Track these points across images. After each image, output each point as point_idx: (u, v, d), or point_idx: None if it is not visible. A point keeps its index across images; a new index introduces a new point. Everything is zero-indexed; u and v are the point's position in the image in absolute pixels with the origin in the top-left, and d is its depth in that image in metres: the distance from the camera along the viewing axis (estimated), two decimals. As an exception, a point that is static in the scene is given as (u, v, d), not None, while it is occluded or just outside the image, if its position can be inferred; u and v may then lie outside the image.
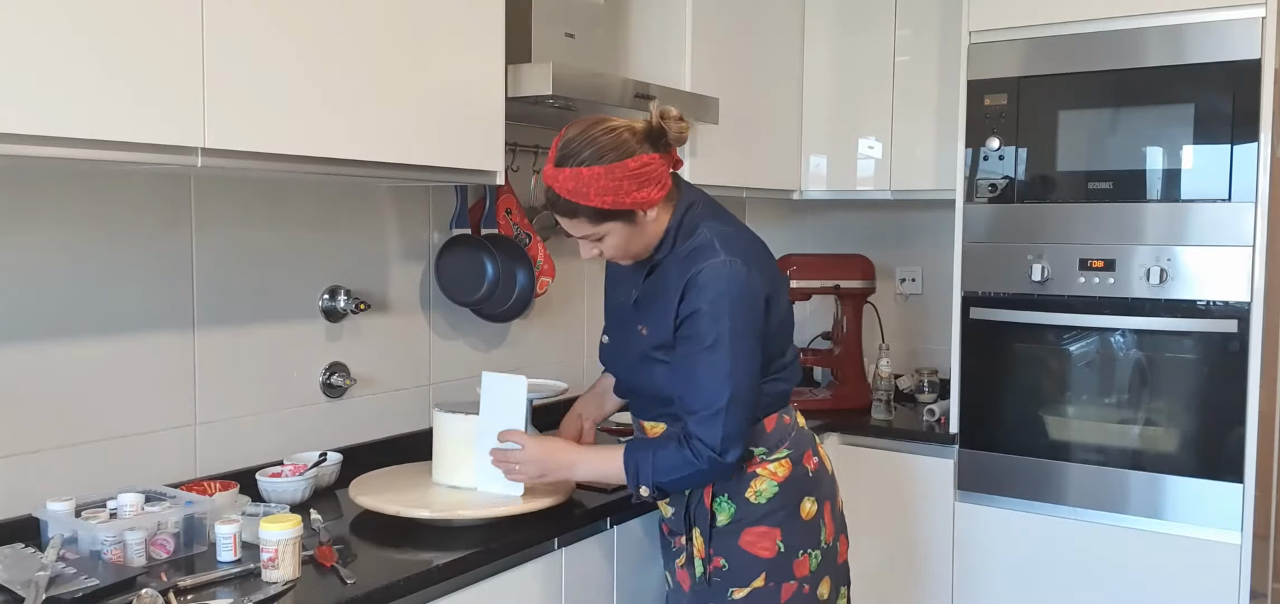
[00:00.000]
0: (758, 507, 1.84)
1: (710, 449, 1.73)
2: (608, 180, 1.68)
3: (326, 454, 2.19)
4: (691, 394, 1.75)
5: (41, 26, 1.40)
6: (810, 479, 1.89)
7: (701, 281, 1.72)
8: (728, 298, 1.71)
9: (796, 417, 1.94)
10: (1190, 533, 2.59)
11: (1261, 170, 2.47)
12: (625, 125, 1.72)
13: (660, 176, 1.73)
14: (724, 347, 1.71)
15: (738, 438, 1.75)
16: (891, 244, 3.58)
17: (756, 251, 1.83)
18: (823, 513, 1.90)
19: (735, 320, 1.72)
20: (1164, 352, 2.63)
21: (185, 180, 2.00)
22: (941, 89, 3.09)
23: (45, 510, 1.70)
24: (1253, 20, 2.47)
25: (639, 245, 1.80)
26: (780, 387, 1.88)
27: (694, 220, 1.79)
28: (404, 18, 1.93)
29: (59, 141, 1.43)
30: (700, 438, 1.73)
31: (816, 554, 1.88)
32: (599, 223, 1.74)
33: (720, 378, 1.72)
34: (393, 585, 1.63)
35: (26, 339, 1.79)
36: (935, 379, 3.33)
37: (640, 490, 1.80)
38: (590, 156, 1.68)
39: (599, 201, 1.69)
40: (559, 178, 1.71)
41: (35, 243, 1.79)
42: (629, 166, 1.68)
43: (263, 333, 2.16)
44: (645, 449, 1.80)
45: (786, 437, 1.88)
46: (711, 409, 1.72)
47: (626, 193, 1.69)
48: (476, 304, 2.57)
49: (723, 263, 1.73)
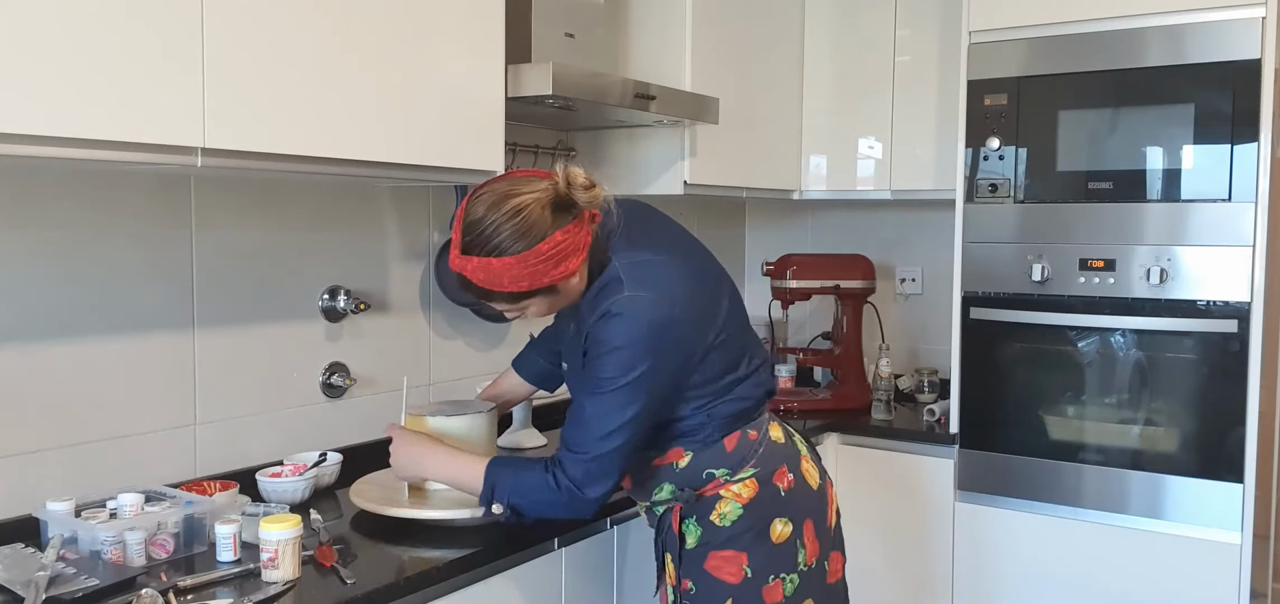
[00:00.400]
0: (722, 529, 1.74)
1: (572, 483, 1.65)
2: (521, 268, 1.56)
3: (326, 454, 2.19)
4: (574, 426, 1.66)
5: (41, 26, 1.40)
6: (782, 499, 1.76)
7: (605, 319, 1.62)
8: (627, 336, 1.60)
9: (769, 431, 1.81)
10: (1190, 533, 2.59)
11: (1261, 170, 2.47)
12: (534, 200, 1.56)
13: (578, 245, 1.59)
14: (618, 387, 1.61)
15: (605, 478, 1.65)
16: (891, 244, 3.58)
17: (672, 278, 1.66)
18: (801, 534, 1.77)
19: (634, 361, 1.60)
20: (1164, 351, 2.63)
21: (185, 180, 2.00)
22: (941, 89, 3.09)
23: (45, 510, 1.70)
24: (1253, 20, 2.47)
25: (564, 303, 1.71)
26: (739, 405, 1.75)
27: (607, 255, 1.67)
28: (404, 18, 1.93)
29: (59, 141, 1.43)
30: (565, 470, 1.65)
31: (793, 579, 1.76)
32: (518, 302, 1.64)
33: (606, 417, 1.62)
34: (393, 585, 1.62)
35: (26, 339, 1.79)
36: (935, 379, 3.33)
37: (493, 507, 1.72)
38: (499, 245, 1.55)
39: (514, 288, 1.58)
40: (468, 267, 1.58)
41: (35, 243, 1.79)
42: (542, 251, 1.55)
43: (263, 333, 2.16)
44: (510, 466, 1.73)
45: (751, 455, 1.76)
46: (585, 448, 1.64)
47: (543, 274, 1.57)
48: (476, 304, 2.56)
49: (627, 300, 1.61)
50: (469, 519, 1.90)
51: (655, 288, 1.63)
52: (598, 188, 1.60)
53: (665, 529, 1.82)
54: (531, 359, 2.18)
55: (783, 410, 3.07)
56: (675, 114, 2.53)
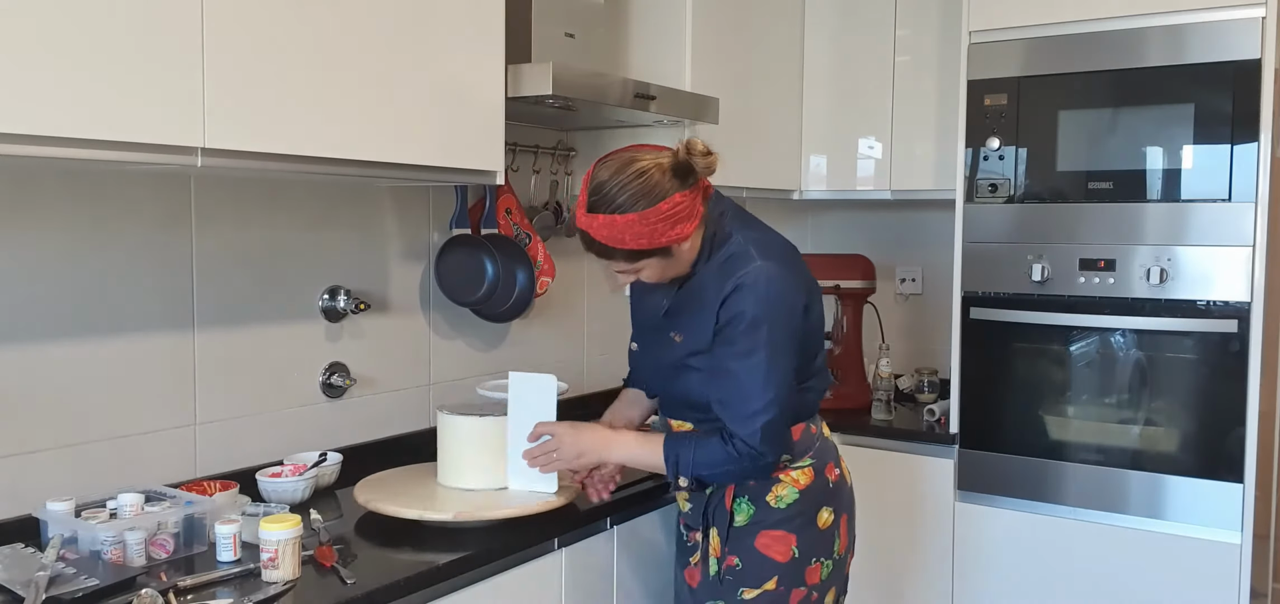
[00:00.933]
0: (776, 511, 1.86)
1: (751, 448, 1.75)
2: (642, 226, 1.70)
3: (326, 454, 2.19)
4: (731, 397, 1.76)
5: (42, 26, 1.40)
6: (830, 490, 1.91)
7: (741, 288, 1.74)
8: (766, 303, 1.74)
9: (823, 427, 1.97)
10: (1190, 533, 2.59)
11: (1261, 170, 2.47)
12: (654, 164, 1.73)
13: (693, 211, 1.75)
14: (763, 351, 1.73)
15: (777, 439, 1.78)
16: (891, 244, 3.58)
17: (790, 255, 1.85)
18: (839, 524, 1.92)
19: (773, 325, 1.74)
20: (1164, 352, 2.63)
21: (185, 180, 2.00)
22: (941, 89, 3.09)
23: (45, 510, 1.70)
24: (1253, 20, 2.47)
25: (676, 270, 1.83)
26: (811, 396, 1.91)
27: (726, 230, 1.82)
28: (404, 18, 1.93)
29: (59, 141, 1.43)
30: (742, 438, 1.75)
31: (828, 564, 1.90)
32: (636, 261, 1.77)
33: (759, 382, 1.74)
34: (393, 585, 1.62)
35: (26, 339, 1.79)
36: (935, 379, 3.33)
37: (679, 480, 1.82)
38: (623, 204, 1.70)
39: (634, 245, 1.72)
40: (593, 224, 1.73)
41: (35, 243, 1.79)
42: (662, 210, 1.70)
43: (263, 333, 2.16)
44: (686, 441, 1.82)
45: (811, 446, 1.90)
46: (752, 411, 1.74)
47: (661, 233, 1.72)
48: (476, 304, 2.57)
49: (760, 268, 1.75)
50: (473, 521, 1.89)
51: (780, 260, 1.79)
52: (714, 155, 1.74)
53: (716, 504, 1.89)
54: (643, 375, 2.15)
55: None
56: (675, 114, 2.53)
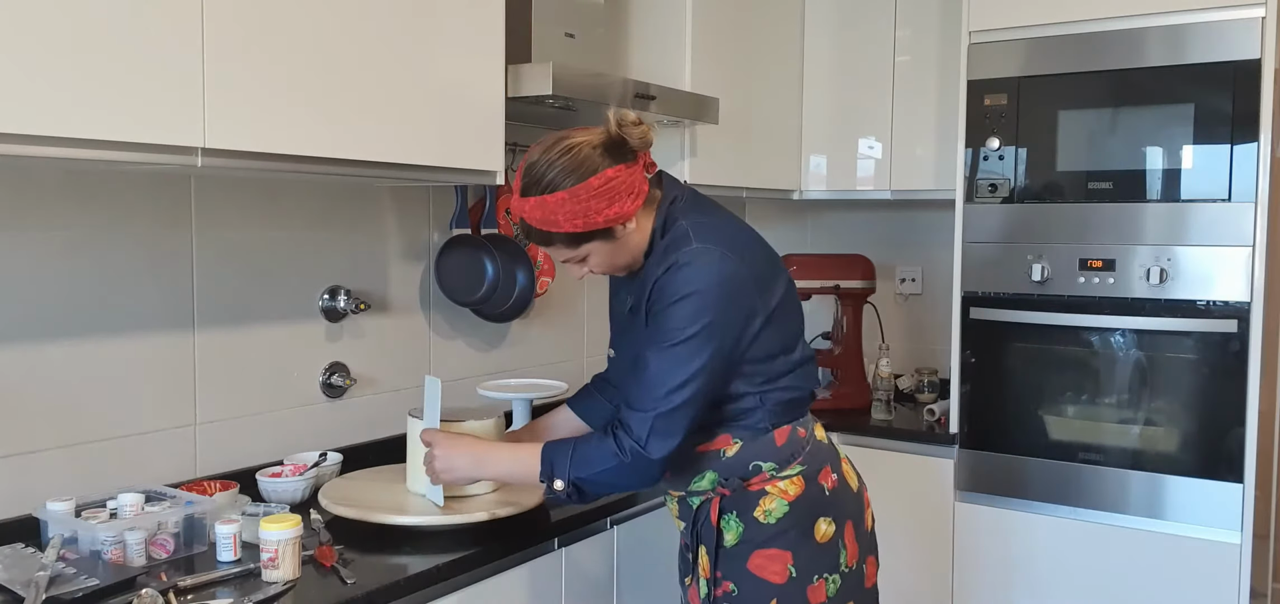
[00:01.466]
0: (766, 527, 1.70)
1: (634, 441, 1.60)
2: (573, 204, 1.59)
3: (326, 454, 2.19)
4: (637, 382, 1.62)
5: (42, 26, 1.40)
6: (826, 499, 1.74)
7: (669, 270, 1.61)
8: (694, 287, 1.59)
9: (815, 429, 1.79)
10: (1190, 533, 2.59)
11: (1261, 170, 2.47)
12: (585, 140, 1.62)
13: (630, 187, 1.61)
14: (682, 340, 1.58)
15: (671, 436, 1.60)
16: (891, 244, 3.58)
17: (740, 241, 1.69)
18: (843, 535, 1.75)
19: (700, 313, 1.59)
20: (1164, 351, 2.63)
21: (185, 180, 2.00)
22: (941, 89, 3.09)
23: (45, 510, 1.70)
24: (1253, 20, 2.47)
25: (625, 258, 1.70)
26: (790, 394, 1.73)
27: (675, 215, 1.68)
28: (404, 18, 1.93)
29: (59, 141, 1.44)
30: (629, 428, 1.61)
31: (835, 579, 1.73)
32: (577, 245, 1.66)
33: (670, 371, 1.59)
34: (393, 585, 1.63)
35: (26, 339, 1.79)
36: (935, 379, 3.33)
37: (555, 485, 1.65)
38: (552, 181, 1.60)
39: (570, 226, 1.60)
40: (526, 208, 1.63)
41: (35, 243, 1.79)
42: (593, 185, 1.59)
43: (263, 333, 2.16)
44: (567, 443, 1.68)
45: (799, 451, 1.73)
46: (652, 402, 1.59)
47: (597, 212, 1.60)
48: (476, 304, 2.57)
49: (695, 251, 1.61)
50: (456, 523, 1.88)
51: (722, 243, 1.64)
52: (646, 126, 1.64)
53: (702, 521, 1.75)
54: (595, 401, 2.03)
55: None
56: (675, 114, 2.53)
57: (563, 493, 1.66)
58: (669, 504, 1.86)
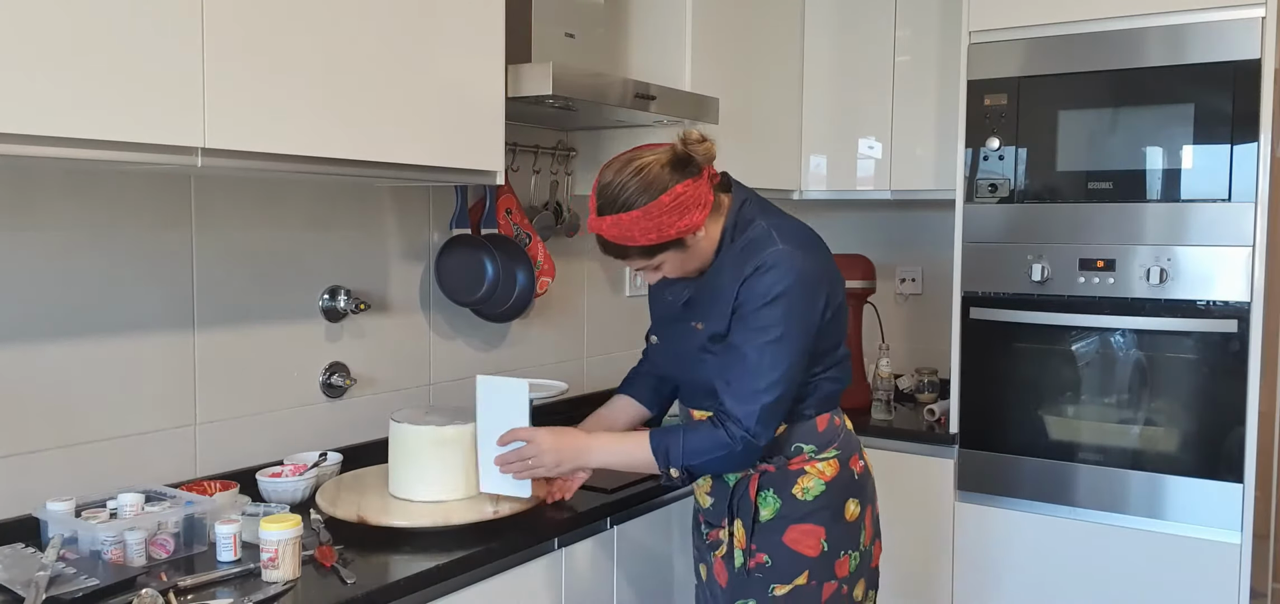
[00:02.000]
0: (803, 504, 1.84)
1: (744, 430, 1.74)
2: (647, 221, 1.71)
3: (326, 454, 2.19)
4: (739, 376, 1.75)
5: (42, 26, 1.40)
6: (856, 482, 1.90)
7: (759, 270, 1.74)
8: (784, 286, 1.73)
9: (846, 420, 1.96)
10: (1190, 533, 2.59)
11: (1261, 170, 2.47)
12: (655, 160, 1.74)
13: (700, 199, 1.75)
14: (778, 335, 1.73)
15: (772, 424, 1.76)
16: (891, 244, 3.58)
17: (813, 242, 1.84)
18: (864, 516, 1.92)
19: (790, 309, 1.74)
20: (1164, 352, 2.63)
21: (185, 180, 2.00)
22: (941, 89, 3.09)
23: (45, 510, 1.70)
24: (1253, 20, 2.47)
25: (696, 262, 1.83)
26: (833, 386, 1.89)
27: (748, 216, 1.82)
28: (404, 18, 1.93)
29: (59, 141, 1.44)
30: (737, 418, 1.75)
31: (856, 556, 1.90)
32: (651, 256, 1.78)
33: (770, 365, 1.73)
34: (393, 585, 1.63)
35: (26, 339, 1.79)
36: (935, 379, 3.33)
37: (670, 472, 1.80)
38: (627, 201, 1.72)
39: (645, 240, 1.73)
40: (603, 226, 1.75)
41: (35, 243, 1.79)
42: (664, 203, 1.71)
43: (263, 333, 2.16)
44: (674, 432, 1.81)
45: (836, 437, 1.90)
46: (755, 392, 1.73)
47: (670, 226, 1.73)
48: (476, 304, 2.57)
49: (781, 252, 1.75)
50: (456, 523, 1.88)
51: (801, 244, 1.79)
52: (710, 142, 1.77)
53: (739, 496, 1.88)
54: (644, 381, 2.16)
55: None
56: (675, 114, 2.53)
57: (678, 476, 1.81)
58: (700, 481, 1.96)
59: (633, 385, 2.17)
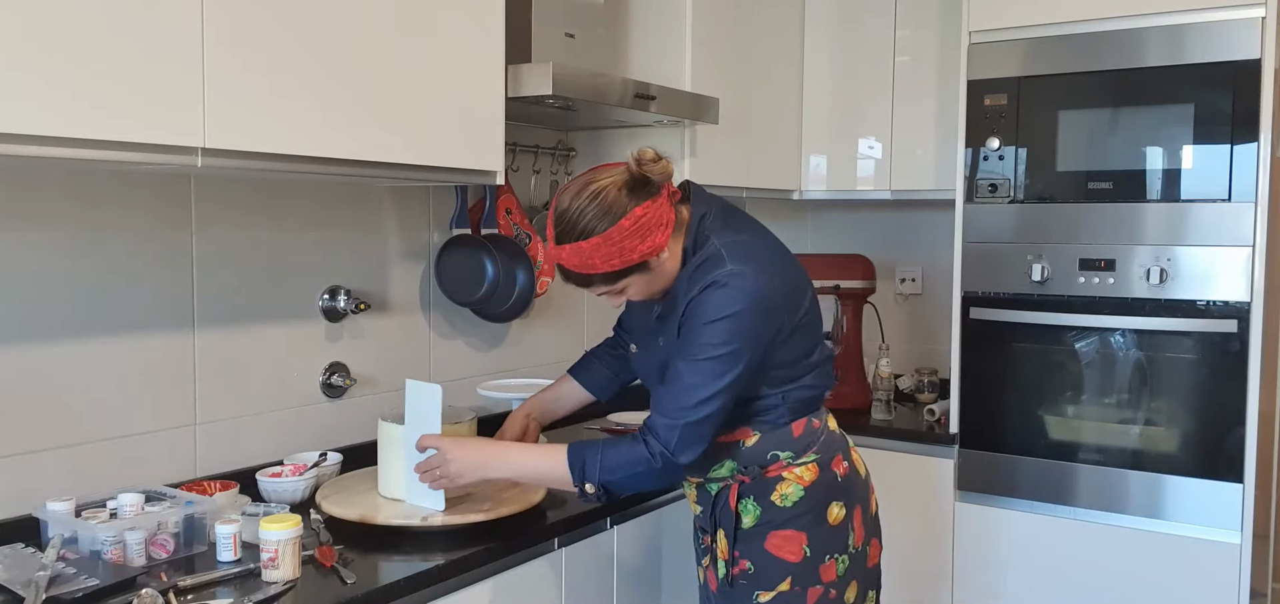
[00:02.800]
0: (783, 510, 1.80)
1: (664, 448, 1.68)
2: (608, 247, 1.66)
3: (326, 454, 2.19)
4: (669, 392, 1.70)
5: (42, 26, 1.40)
6: (839, 484, 1.84)
7: (705, 290, 1.69)
8: (728, 308, 1.67)
9: (828, 420, 1.90)
10: (1190, 533, 2.59)
11: (1261, 170, 2.47)
12: (611, 182, 1.69)
13: (661, 220, 1.69)
14: (714, 355, 1.67)
15: (698, 443, 1.70)
16: (891, 244, 3.58)
17: (769, 257, 1.79)
18: (852, 518, 1.86)
19: (733, 331, 1.67)
20: (1164, 352, 2.63)
21: (185, 180, 2.00)
22: (941, 89, 3.09)
23: (45, 510, 1.70)
24: (1253, 20, 2.47)
25: (661, 284, 1.78)
26: (809, 392, 1.83)
27: (704, 234, 1.77)
28: (404, 18, 1.93)
29: (59, 141, 1.43)
30: (657, 435, 1.69)
31: (844, 558, 1.84)
32: (615, 282, 1.73)
33: (700, 384, 1.67)
34: (393, 585, 1.63)
35: (26, 339, 1.79)
36: (935, 379, 3.33)
37: (586, 487, 1.72)
38: (585, 228, 1.67)
39: (607, 267, 1.69)
40: (562, 255, 1.71)
41: (35, 243, 1.79)
42: (625, 227, 1.66)
43: (263, 333, 2.16)
44: (593, 446, 1.75)
45: (815, 441, 1.83)
46: (682, 408, 1.68)
47: (632, 250, 1.68)
48: (476, 304, 2.57)
49: (729, 273, 1.69)
50: (456, 523, 1.89)
51: (754, 263, 1.72)
52: (665, 160, 1.71)
53: (721, 506, 1.84)
54: (596, 368, 2.16)
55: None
56: (675, 114, 2.53)
57: (593, 494, 1.73)
58: (686, 489, 1.94)
59: (586, 371, 2.14)
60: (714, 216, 1.79)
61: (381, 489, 2.00)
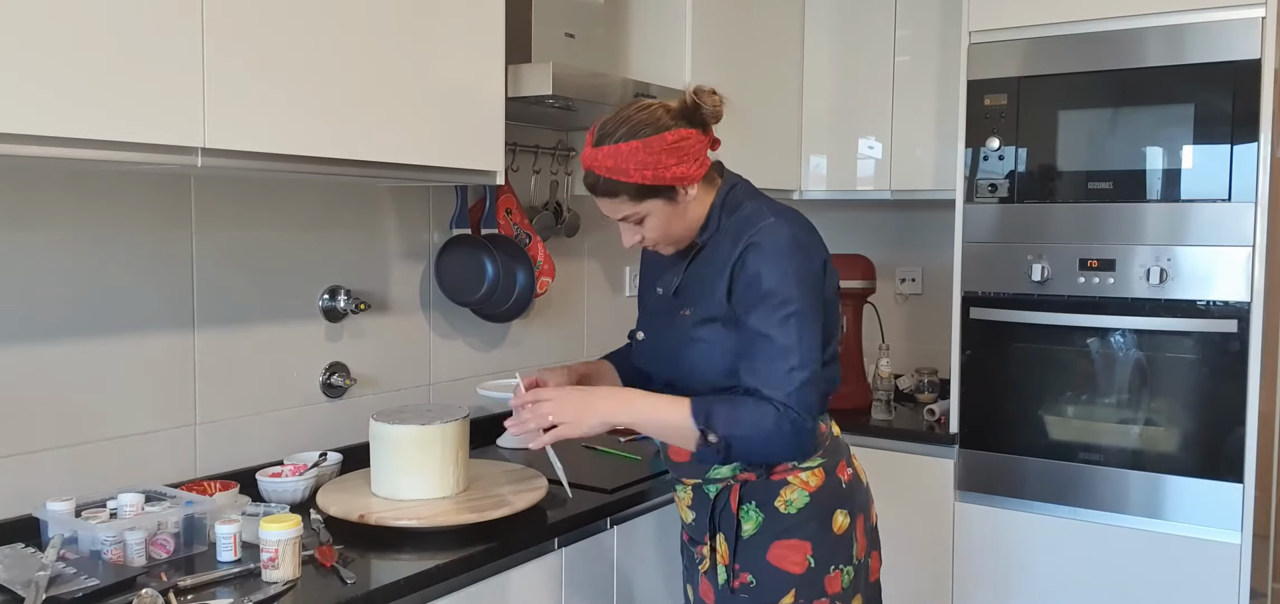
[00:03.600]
0: (786, 517, 1.74)
1: (794, 410, 1.62)
2: (645, 155, 1.64)
3: (326, 454, 2.19)
4: (763, 359, 1.64)
5: (42, 27, 1.40)
6: (844, 491, 1.79)
7: (756, 246, 1.66)
8: (789, 257, 1.65)
9: (832, 425, 1.85)
10: (1190, 533, 2.59)
11: (1261, 170, 2.47)
12: (660, 104, 1.70)
13: (698, 152, 1.69)
14: (795, 306, 1.63)
15: (814, 401, 1.65)
16: (891, 244, 3.58)
17: (806, 223, 1.76)
18: (855, 527, 1.80)
19: (799, 283, 1.65)
20: (1164, 351, 2.63)
21: (185, 180, 2.00)
22: (941, 89, 3.09)
23: (45, 510, 1.70)
24: (1253, 20, 2.47)
25: (681, 228, 1.74)
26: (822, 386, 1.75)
27: (738, 198, 1.76)
28: (404, 18, 1.93)
29: (59, 141, 1.44)
30: (783, 401, 1.62)
31: (849, 570, 1.77)
32: (640, 201, 1.68)
33: (793, 340, 1.63)
34: (393, 585, 1.62)
35: (26, 339, 1.79)
36: (935, 379, 3.33)
37: (707, 436, 1.65)
38: (627, 133, 1.65)
39: (639, 176, 1.64)
40: (598, 157, 1.67)
41: (35, 243, 1.79)
42: (666, 139, 1.65)
43: (263, 333, 2.16)
44: (720, 399, 1.67)
45: (821, 444, 1.77)
46: (789, 368, 1.62)
47: (666, 167, 1.65)
48: (476, 304, 2.57)
49: (775, 225, 1.68)
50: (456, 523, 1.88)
51: (794, 221, 1.72)
52: (721, 97, 1.72)
53: (721, 509, 1.78)
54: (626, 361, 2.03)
55: (783, 410, 3.06)
56: (675, 114, 2.53)
57: (715, 448, 1.66)
58: (680, 494, 1.87)
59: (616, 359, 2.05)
60: (744, 189, 1.79)
61: (375, 488, 1.99)
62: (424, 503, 1.93)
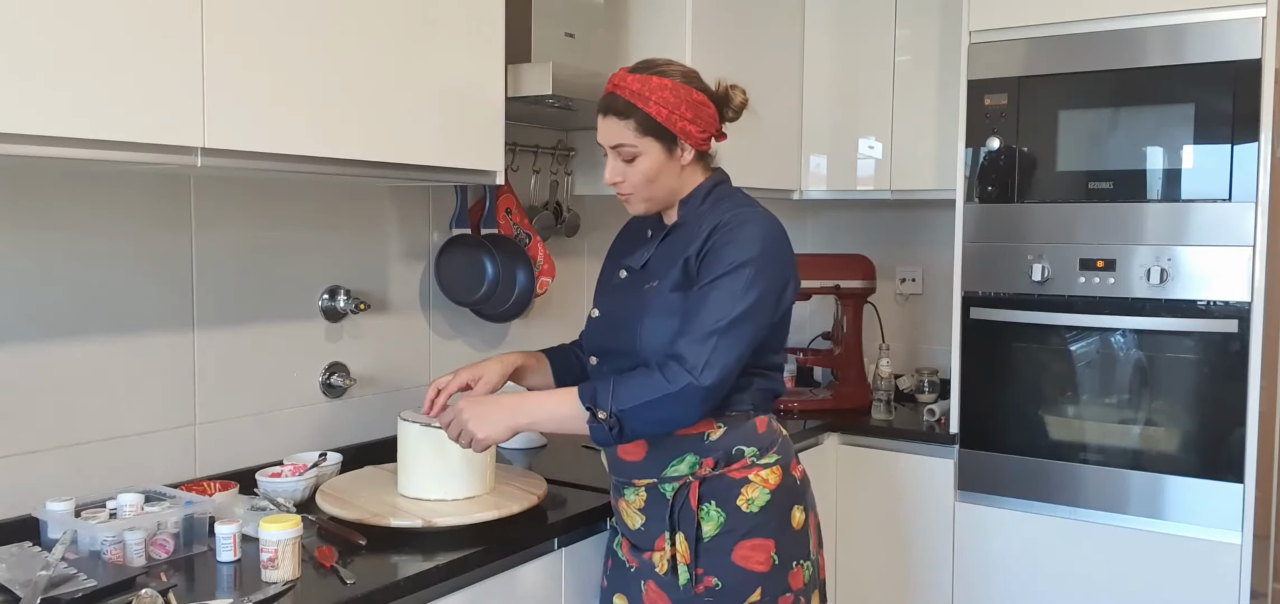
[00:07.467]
0: (749, 516, 1.75)
1: (688, 372, 1.61)
2: (671, 96, 1.73)
3: (326, 454, 2.19)
4: (697, 317, 1.65)
5: (42, 26, 1.40)
6: (798, 488, 1.83)
7: (729, 225, 1.72)
8: (756, 246, 1.70)
9: (782, 425, 1.90)
10: (1190, 533, 2.59)
11: (1261, 170, 2.47)
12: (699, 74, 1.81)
13: (709, 125, 1.79)
14: (746, 277, 1.66)
15: (721, 364, 1.62)
16: (891, 244, 3.58)
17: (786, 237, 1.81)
18: (809, 523, 1.85)
19: (759, 268, 1.68)
20: (1164, 351, 2.63)
21: (185, 180, 2.00)
22: (941, 89, 3.09)
23: (45, 510, 1.70)
24: (1253, 20, 2.47)
25: (663, 188, 1.79)
26: (771, 386, 1.83)
27: (726, 192, 1.83)
28: (404, 18, 1.93)
29: (59, 141, 1.43)
30: (682, 357, 1.62)
31: (809, 566, 1.82)
32: (643, 135, 1.74)
33: (731, 303, 1.64)
34: (393, 585, 1.62)
35: (26, 339, 1.79)
36: (935, 379, 3.33)
37: (598, 414, 1.64)
38: (666, 72, 1.75)
39: (655, 111, 1.72)
40: (627, 80, 1.74)
41: (35, 243, 1.79)
42: (693, 96, 1.75)
43: (263, 333, 2.16)
44: (605, 378, 1.69)
45: (775, 441, 1.82)
46: (709, 328, 1.63)
47: (680, 117, 1.74)
48: (476, 304, 2.57)
49: (752, 213, 1.76)
50: (456, 523, 1.88)
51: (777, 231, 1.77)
52: (745, 96, 1.86)
53: (680, 507, 1.76)
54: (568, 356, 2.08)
55: (783, 410, 3.07)
56: (675, 114, 2.53)
57: (606, 426, 1.64)
58: (629, 498, 1.85)
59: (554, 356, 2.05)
60: (733, 188, 1.87)
61: (402, 489, 1.98)
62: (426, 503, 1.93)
